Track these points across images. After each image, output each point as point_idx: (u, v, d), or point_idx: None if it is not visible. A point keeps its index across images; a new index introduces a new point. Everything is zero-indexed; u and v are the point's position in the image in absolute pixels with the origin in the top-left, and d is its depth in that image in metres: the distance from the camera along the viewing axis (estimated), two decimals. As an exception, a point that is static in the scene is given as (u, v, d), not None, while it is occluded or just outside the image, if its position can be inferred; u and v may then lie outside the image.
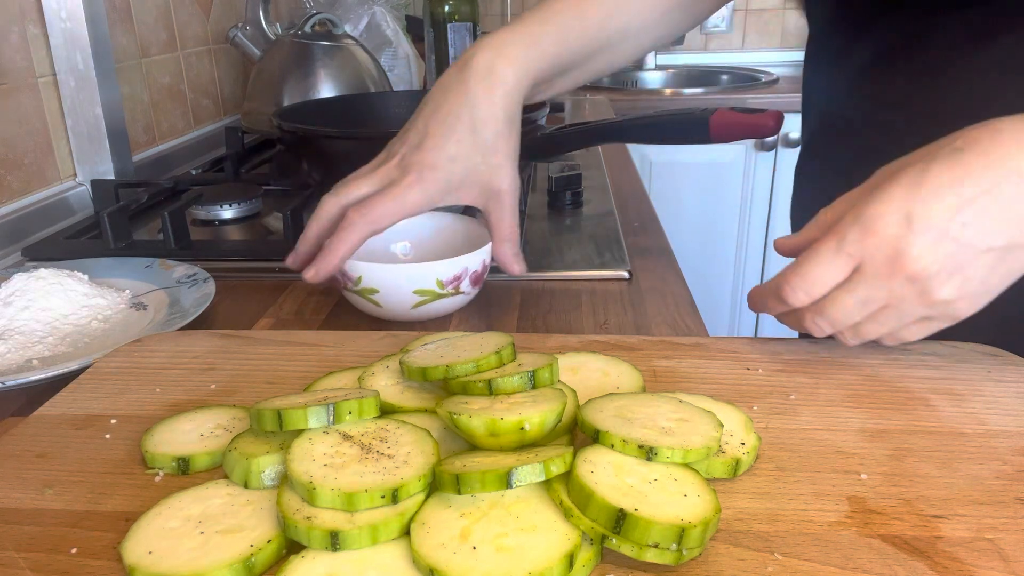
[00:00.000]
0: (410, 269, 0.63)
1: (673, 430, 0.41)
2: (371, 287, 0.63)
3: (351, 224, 0.60)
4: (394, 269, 0.63)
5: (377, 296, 0.64)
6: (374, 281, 0.63)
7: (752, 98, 2.09)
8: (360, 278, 0.63)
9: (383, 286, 0.63)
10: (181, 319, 0.65)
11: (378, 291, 0.63)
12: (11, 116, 0.97)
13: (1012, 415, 0.47)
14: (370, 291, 0.64)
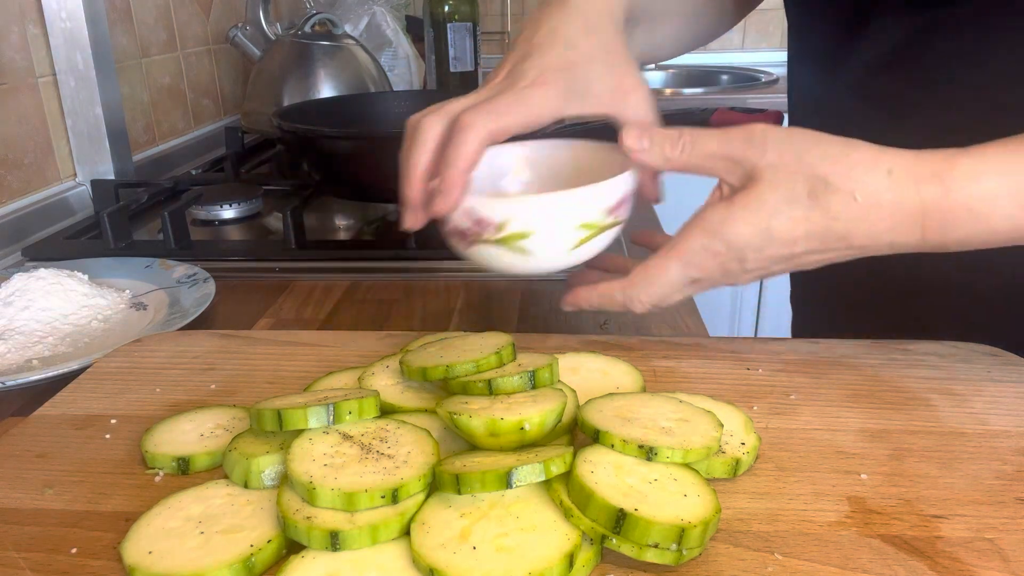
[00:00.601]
0: (575, 196, 0.49)
1: (673, 430, 0.41)
2: (523, 229, 0.48)
3: (469, 125, 0.48)
4: (555, 199, 0.49)
5: (530, 241, 0.49)
6: (528, 220, 0.48)
7: (752, 98, 2.09)
8: (507, 221, 0.48)
9: (540, 224, 0.49)
10: (181, 319, 0.65)
11: (533, 232, 0.49)
12: (11, 116, 0.97)
13: (1012, 415, 0.47)
14: (520, 235, 0.49)
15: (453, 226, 0.50)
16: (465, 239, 0.50)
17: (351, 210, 1.02)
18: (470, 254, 0.52)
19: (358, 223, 0.98)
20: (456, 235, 0.51)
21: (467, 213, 0.49)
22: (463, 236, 0.50)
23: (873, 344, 0.56)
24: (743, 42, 2.64)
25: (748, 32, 2.62)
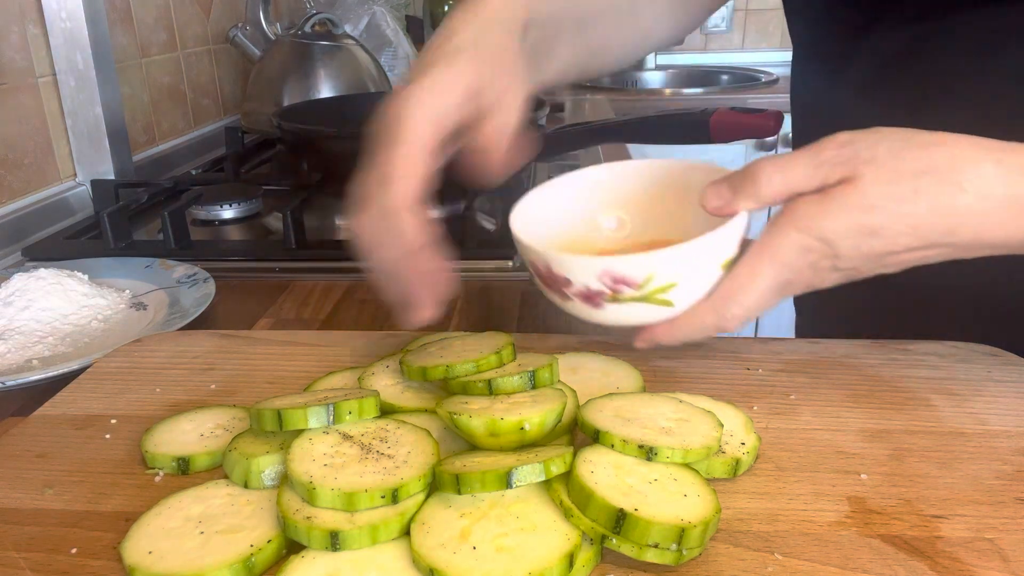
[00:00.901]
0: (718, 237, 0.44)
1: (673, 430, 0.41)
2: (668, 281, 0.43)
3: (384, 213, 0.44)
4: (701, 245, 0.43)
5: (675, 292, 0.44)
6: (673, 271, 0.43)
7: (752, 98, 2.09)
8: (651, 276, 0.43)
9: (686, 273, 0.44)
10: (181, 319, 0.65)
11: (677, 283, 0.44)
12: (11, 116, 0.97)
13: (1012, 415, 0.47)
14: (665, 288, 0.44)
15: (579, 289, 0.45)
16: (593, 300, 0.45)
17: (351, 210, 1.02)
18: (594, 315, 0.46)
19: (358, 223, 0.98)
20: (582, 297, 0.45)
21: (604, 274, 0.43)
22: (591, 298, 0.45)
23: (873, 344, 0.56)
24: (743, 42, 2.64)
25: (748, 32, 2.62)
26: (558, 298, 0.47)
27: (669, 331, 0.47)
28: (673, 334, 0.47)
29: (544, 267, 0.45)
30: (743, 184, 0.44)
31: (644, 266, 0.43)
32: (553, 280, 0.46)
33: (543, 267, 0.45)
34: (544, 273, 0.46)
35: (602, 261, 0.43)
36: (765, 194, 0.44)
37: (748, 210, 0.45)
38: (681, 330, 0.46)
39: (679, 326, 0.46)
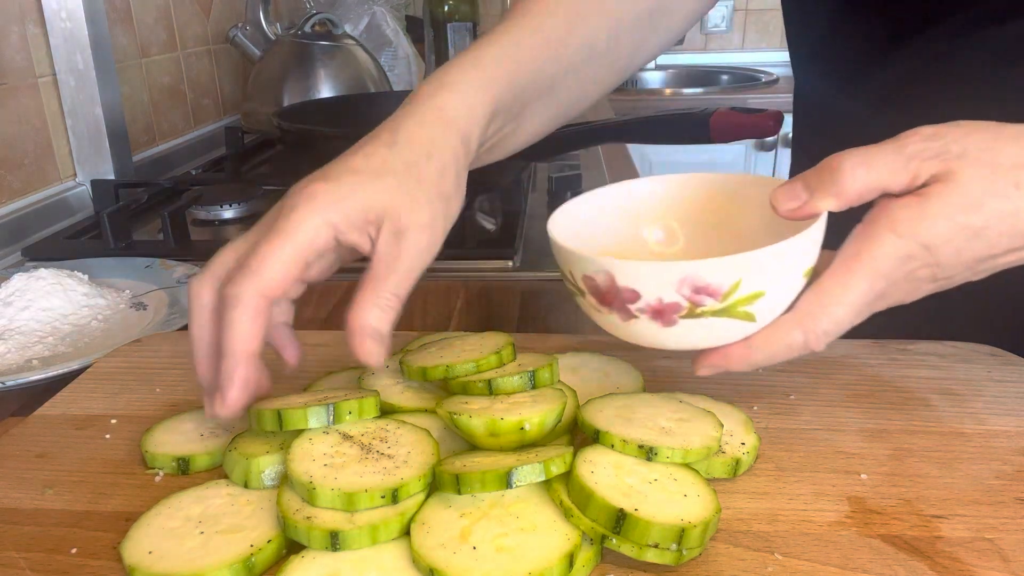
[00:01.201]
0: (808, 238, 0.40)
1: (673, 430, 0.41)
2: (756, 290, 0.39)
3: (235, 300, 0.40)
4: (790, 247, 0.39)
5: (760, 302, 0.40)
6: (762, 278, 0.39)
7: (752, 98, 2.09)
8: (738, 283, 0.39)
9: (773, 280, 0.39)
10: (181, 319, 0.65)
11: (764, 292, 0.39)
12: (11, 116, 0.97)
13: (1012, 415, 0.47)
14: (751, 298, 0.39)
15: (649, 304, 0.40)
16: (664, 316, 0.40)
17: (351, 210, 1.02)
18: (660, 335, 0.41)
19: (358, 223, 0.98)
20: (651, 313, 0.40)
21: (684, 282, 0.38)
22: (663, 314, 0.40)
23: (873, 344, 0.56)
24: (743, 42, 2.64)
25: (748, 32, 2.62)
26: (618, 317, 0.41)
27: (745, 353, 0.41)
28: (750, 357, 0.41)
29: (604, 280, 0.40)
30: (822, 182, 0.40)
31: (732, 271, 0.38)
32: (614, 295, 0.40)
33: (602, 280, 0.40)
34: (603, 287, 0.40)
35: (682, 267, 0.38)
36: (849, 191, 0.40)
37: (829, 210, 0.41)
38: (761, 351, 0.41)
39: (758, 347, 0.41)
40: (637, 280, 0.39)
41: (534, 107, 0.54)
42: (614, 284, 0.40)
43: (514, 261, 0.81)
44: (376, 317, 0.42)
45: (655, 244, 0.51)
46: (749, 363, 0.41)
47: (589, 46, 0.56)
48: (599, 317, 0.43)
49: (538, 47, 0.53)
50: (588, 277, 0.41)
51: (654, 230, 0.51)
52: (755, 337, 0.41)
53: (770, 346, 0.41)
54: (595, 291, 0.41)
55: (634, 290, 0.39)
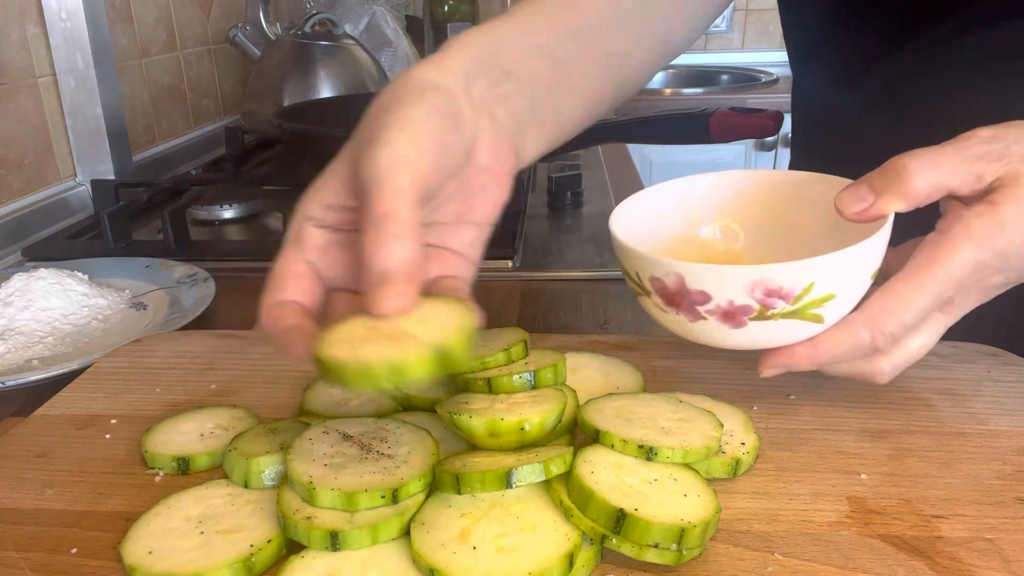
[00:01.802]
0: (877, 241, 0.40)
1: (673, 430, 0.41)
2: (827, 292, 0.40)
3: None
4: (863, 250, 0.40)
5: (830, 305, 0.40)
6: (833, 280, 0.40)
7: (752, 98, 2.09)
8: (811, 285, 0.39)
9: (844, 283, 0.40)
10: (181, 319, 0.65)
11: (835, 294, 0.40)
12: (11, 116, 0.97)
13: (1012, 415, 0.47)
14: (821, 300, 0.40)
15: (719, 306, 0.40)
16: (734, 318, 0.40)
17: (351, 210, 1.02)
18: (728, 337, 0.42)
19: (358, 223, 0.98)
20: (720, 315, 0.41)
21: (757, 285, 0.39)
22: (732, 316, 0.40)
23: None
24: (743, 42, 2.64)
25: (748, 32, 2.62)
26: (685, 318, 0.42)
27: (812, 353, 0.42)
28: (815, 356, 0.42)
29: (674, 282, 0.40)
30: (888, 183, 0.40)
31: (805, 275, 0.39)
32: (683, 297, 0.40)
33: (672, 282, 0.40)
34: (672, 289, 0.41)
35: (756, 270, 0.39)
36: (916, 192, 0.40)
37: (896, 211, 0.41)
38: (827, 351, 0.42)
39: (824, 347, 0.41)
40: (708, 283, 0.40)
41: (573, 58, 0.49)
42: (684, 286, 0.40)
43: (514, 261, 0.81)
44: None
45: (715, 242, 0.51)
46: (814, 363, 0.42)
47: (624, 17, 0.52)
48: (663, 317, 0.43)
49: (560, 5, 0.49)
50: (656, 279, 0.41)
51: (713, 228, 0.50)
52: (821, 337, 0.41)
53: (837, 346, 0.41)
54: (662, 292, 0.41)
55: (705, 292, 0.40)
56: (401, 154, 0.37)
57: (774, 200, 0.49)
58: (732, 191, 0.51)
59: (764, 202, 0.50)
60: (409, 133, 0.37)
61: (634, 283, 0.43)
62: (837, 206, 0.42)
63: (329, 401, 0.48)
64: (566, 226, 0.94)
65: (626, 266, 0.43)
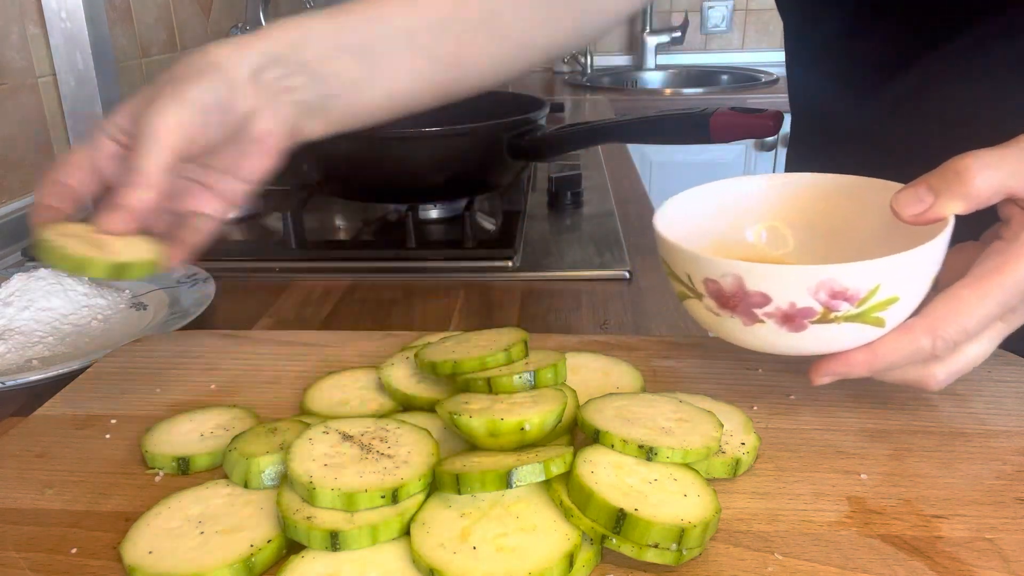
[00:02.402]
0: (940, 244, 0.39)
1: (673, 430, 0.41)
2: (892, 294, 0.39)
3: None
4: (929, 252, 0.39)
5: (893, 308, 0.39)
6: (899, 282, 0.39)
7: (752, 98, 2.09)
8: (878, 287, 0.38)
9: (909, 285, 0.39)
10: (181, 319, 0.65)
11: (899, 297, 0.39)
12: (11, 116, 0.97)
13: (1012, 415, 0.47)
14: (886, 303, 0.39)
15: (779, 308, 0.39)
16: (795, 322, 0.39)
17: (351, 210, 1.02)
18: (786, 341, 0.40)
19: (358, 223, 0.98)
20: (780, 319, 0.39)
21: (823, 286, 0.38)
22: (793, 319, 0.39)
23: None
24: (743, 42, 2.64)
25: (748, 32, 2.62)
26: (741, 321, 0.40)
27: (869, 359, 0.41)
28: (873, 362, 0.41)
29: (731, 283, 0.39)
30: (948, 184, 0.39)
31: (872, 276, 0.38)
32: (740, 299, 0.39)
33: (729, 283, 0.39)
34: (729, 291, 0.39)
35: (822, 270, 0.37)
36: (979, 193, 0.39)
37: (956, 213, 0.40)
38: (885, 357, 0.40)
39: (882, 353, 0.40)
40: (770, 284, 0.38)
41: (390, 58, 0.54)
42: (742, 288, 0.39)
43: (514, 261, 0.81)
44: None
45: (761, 246, 0.49)
46: (872, 369, 0.41)
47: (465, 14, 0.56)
48: (713, 321, 0.42)
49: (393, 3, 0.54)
50: (711, 280, 0.40)
51: (759, 231, 0.49)
52: (880, 343, 0.40)
53: (896, 352, 0.40)
54: (717, 294, 0.40)
55: (765, 294, 0.39)
56: (166, 123, 0.46)
57: (821, 204, 0.48)
58: (777, 194, 0.49)
59: (810, 206, 0.48)
60: (179, 107, 0.47)
61: (684, 285, 0.42)
62: (893, 207, 0.41)
63: (329, 401, 0.48)
64: (566, 226, 0.94)
65: (675, 268, 0.42)
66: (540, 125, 0.90)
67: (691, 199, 0.49)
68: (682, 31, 2.48)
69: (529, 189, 1.06)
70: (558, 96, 2.18)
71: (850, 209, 0.47)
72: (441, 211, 0.96)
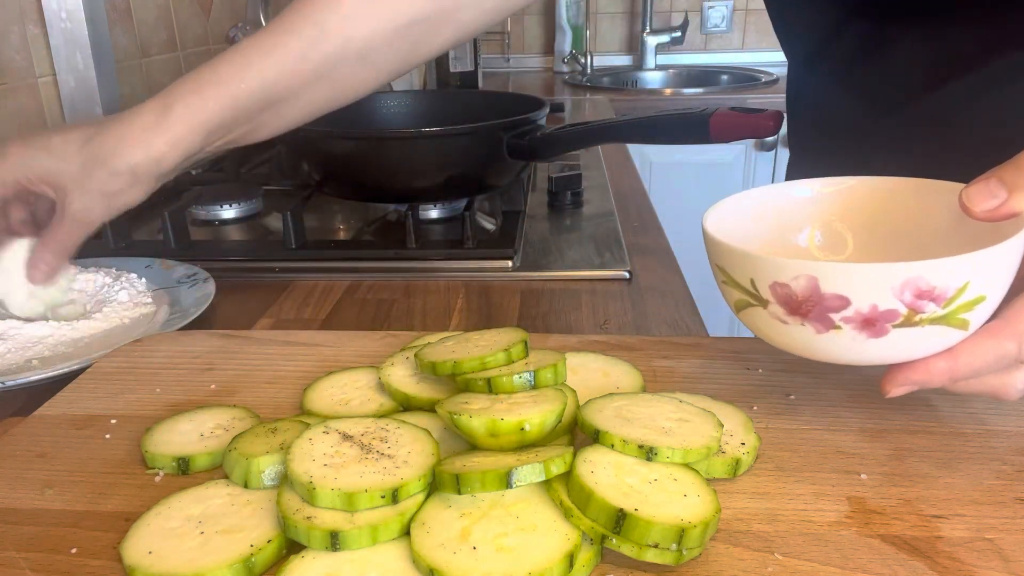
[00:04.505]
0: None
1: (673, 430, 0.41)
2: (980, 293, 0.36)
3: None
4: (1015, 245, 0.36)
5: (979, 309, 0.37)
6: (987, 280, 0.36)
7: (752, 98, 2.09)
8: (967, 284, 0.36)
9: (995, 284, 0.37)
10: (181, 319, 0.65)
11: (986, 297, 0.37)
12: (11, 116, 0.97)
13: (1012, 415, 0.47)
14: (973, 303, 0.36)
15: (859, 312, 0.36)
16: (875, 326, 0.36)
17: (351, 210, 1.02)
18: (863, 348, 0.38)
19: (358, 223, 0.98)
20: (859, 323, 0.37)
21: (908, 284, 0.35)
22: (874, 323, 0.36)
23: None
24: (743, 42, 2.64)
25: (748, 32, 2.62)
26: (814, 329, 0.37)
27: (950, 367, 0.38)
28: (955, 370, 0.38)
29: (804, 286, 0.36)
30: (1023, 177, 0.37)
31: (961, 273, 0.35)
32: (815, 304, 0.36)
33: (801, 286, 0.36)
34: (800, 295, 0.36)
35: (908, 267, 0.34)
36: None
37: None
38: (967, 364, 0.37)
39: (964, 360, 0.37)
40: (850, 284, 0.35)
41: (278, 109, 0.63)
42: (817, 291, 0.36)
43: (514, 261, 0.81)
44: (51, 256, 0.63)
45: (816, 250, 0.47)
46: (952, 378, 0.38)
47: (338, 58, 0.61)
48: (780, 330, 0.39)
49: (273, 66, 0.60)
50: (780, 284, 0.37)
51: (814, 234, 0.47)
52: (961, 348, 0.38)
53: (979, 358, 0.37)
54: (787, 300, 0.37)
55: (843, 297, 0.36)
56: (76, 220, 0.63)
57: (879, 206, 0.46)
58: (829, 198, 0.47)
59: (867, 208, 0.46)
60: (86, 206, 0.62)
61: (745, 293, 0.39)
62: (963, 202, 0.38)
63: (329, 401, 0.48)
64: (566, 226, 0.94)
65: (736, 273, 0.39)
66: (540, 125, 0.90)
67: (735, 204, 0.47)
68: (682, 31, 2.48)
69: (529, 189, 1.06)
70: (558, 96, 2.18)
71: (911, 210, 0.45)
72: (441, 211, 0.96)
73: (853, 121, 0.67)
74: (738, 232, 0.44)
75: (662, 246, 0.88)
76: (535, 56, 2.68)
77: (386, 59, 0.63)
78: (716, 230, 0.42)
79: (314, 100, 0.64)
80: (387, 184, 0.88)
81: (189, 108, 0.59)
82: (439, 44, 0.64)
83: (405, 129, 1.02)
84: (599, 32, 2.66)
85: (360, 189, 0.92)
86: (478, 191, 0.91)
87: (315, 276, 0.80)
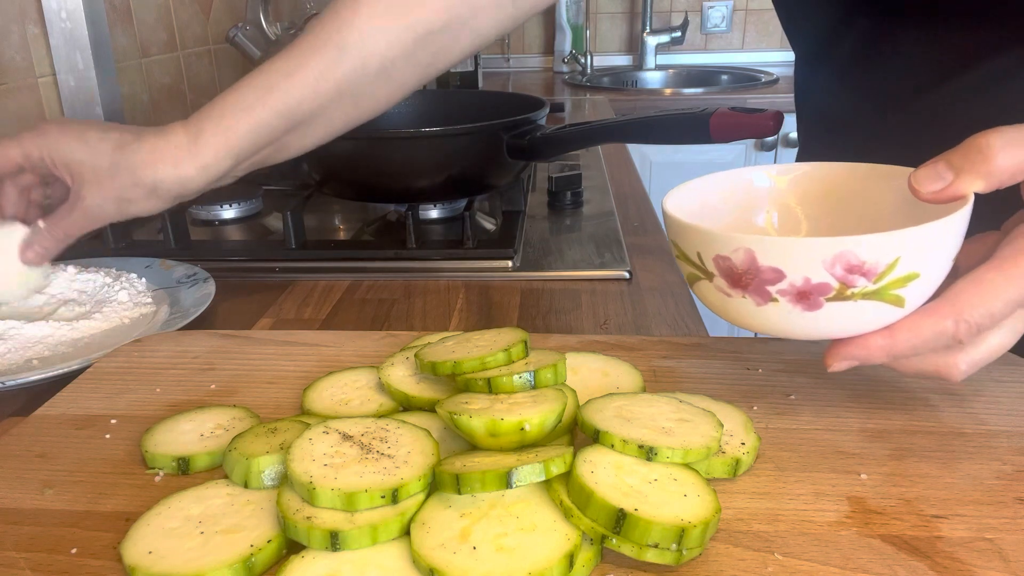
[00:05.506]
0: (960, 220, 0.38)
1: (673, 430, 0.41)
2: (912, 270, 0.37)
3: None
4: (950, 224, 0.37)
5: (913, 286, 0.38)
6: (919, 257, 0.37)
7: (752, 98, 2.09)
8: (897, 260, 0.37)
9: (929, 261, 0.38)
10: (181, 319, 0.65)
11: (919, 274, 0.38)
12: (11, 116, 0.97)
13: (1012, 415, 0.47)
14: (906, 279, 0.37)
15: (793, 285, 0.38)
16: (809, 299, 0.38)
17: (351, 210, 1.02)
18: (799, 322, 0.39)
19: (358, 223, 0.98)
20: (794, 296, 0.38)
21: (839, 259, 0.36)
22: (807, 296, 0.38)
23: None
24: (743, 42, 2.64)
25: (748, 32, 2.62)
26: (753, 301, 0.39)
27: (888, 343, 0.39)
28: (893, 346, 0.39)
29: (743, 259, 0.38)
30: (969, 161, 0.38)
31: (891, 248, 0.36)
32: (753, 276, 0.38)
33: (740, 259, 0.38)
34: (740, 268, 0.38)
35: (837, 242, 0.36)
36: (999, 171, 0.37)
37: (976, 192, 0.38)
38: (905, 340, 0.39)
39: (902, 336, 0.39)
40: (783, 258, 0.37)
41: (301, 130, 0.65)
42: (755, 263, 0.37)
43: (514, 261, 0.81)
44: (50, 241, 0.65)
45: (773, 230, 0.48)
46: (891, 353, 0.39)
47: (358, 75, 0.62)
48: (726, 303, 0.40)
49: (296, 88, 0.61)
50: (722, 257, 0.39)
51: (771, 214, 0.48)
52: (900, 324, 0.39)
53: (917, 335, 0.38)
54: (728, 272, 0.39)
55: (778, 269, 0.37)
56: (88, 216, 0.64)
57: (835, 191, 0.47)
58: (787, 183, 0.49)
59: (823, 192, 0.48)
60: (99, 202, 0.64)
61: (694, 266, 0.41)
62: (911, 185, 0.39)
63: (329, 401, 0.48)
64: (566, 226, 0.94)
65: (685, 247, 0.41)
66: (540, 125, 0.90)
67: (698, 187, 0.48)
68: (682, 31, 2.48)
69: (529, 189, 1.06)
70: (558, 96, 2.18)
71: (865, 194, 0.46)
72: (441, 211, 0.96)
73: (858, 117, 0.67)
74: (700, 213, 0.45)
75: (662, 246, 0.88)
76: (535, 56, 2.68)
77: (405, 72, 0.63)
78: (675, 208, 0.43)
79: (336, 119, 0.65)
80: (387, 184, 0.88)
81: (216, 135, 0.63)
82: (458, 52, 0.64)
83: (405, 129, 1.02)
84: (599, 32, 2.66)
85: (360, 189, 0.92)
86: (478, 191, 0.91)
87: (315, 276, 0.80)
